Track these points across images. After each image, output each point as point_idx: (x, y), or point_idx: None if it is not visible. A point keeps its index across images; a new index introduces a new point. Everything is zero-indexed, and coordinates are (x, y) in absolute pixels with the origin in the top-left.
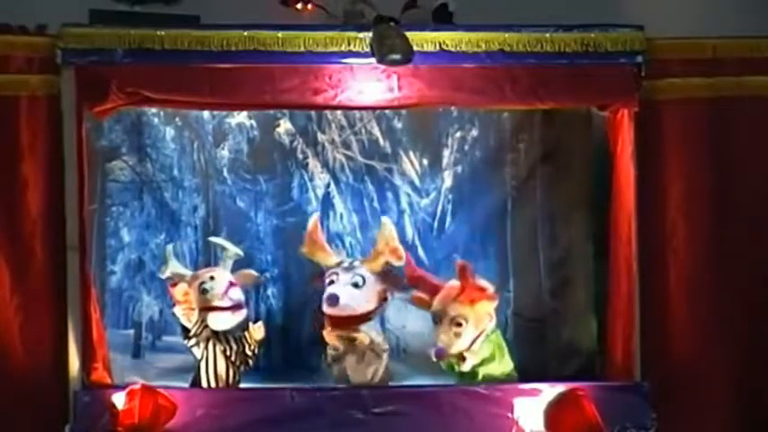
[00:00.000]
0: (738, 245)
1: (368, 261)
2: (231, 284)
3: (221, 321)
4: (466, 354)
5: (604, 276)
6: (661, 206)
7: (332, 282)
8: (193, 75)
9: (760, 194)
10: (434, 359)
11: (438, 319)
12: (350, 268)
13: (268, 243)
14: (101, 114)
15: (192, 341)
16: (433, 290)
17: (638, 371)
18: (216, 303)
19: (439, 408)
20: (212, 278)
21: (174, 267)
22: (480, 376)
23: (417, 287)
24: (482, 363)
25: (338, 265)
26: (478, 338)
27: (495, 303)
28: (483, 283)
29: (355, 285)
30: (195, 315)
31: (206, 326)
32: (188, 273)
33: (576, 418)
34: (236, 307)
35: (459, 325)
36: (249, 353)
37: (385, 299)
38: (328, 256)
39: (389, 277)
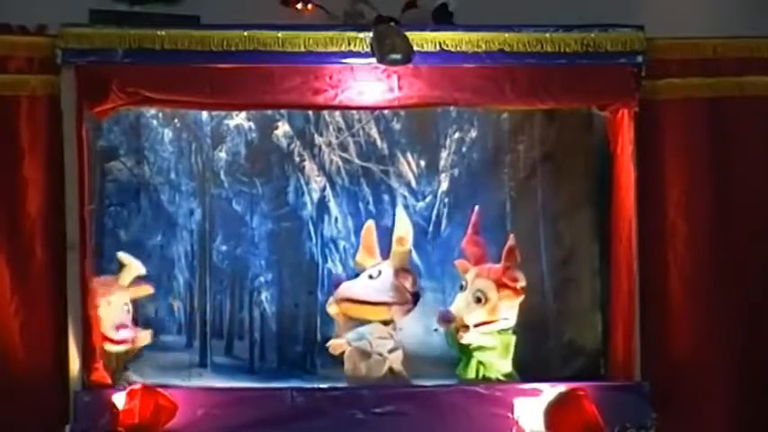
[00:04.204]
0: (738, 244)
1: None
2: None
3: None
4: (471, 329)
5: (609, 276)
6: (661, 206)
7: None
8: (193, 75)
9: (759, 194)
10: (438, 323)
11: (464, 287)
12: (375, 264)
13: (263, 247)
14: (101, 114)
15: None
16: (478, 261)
17: (638, 371)
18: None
19: (439, 408)
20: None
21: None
22: (475, 362)
23: (465, 253)
24: (481, 348)
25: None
26: (490, 324)
27: (518, 299)
28: (519, 275)
29: (370, 277)
30: None
31: None
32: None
33: (576, 418)
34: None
35: (479, 301)
36: None
37: (412, 298)
38: (372, 260)
39: (401, 272)
